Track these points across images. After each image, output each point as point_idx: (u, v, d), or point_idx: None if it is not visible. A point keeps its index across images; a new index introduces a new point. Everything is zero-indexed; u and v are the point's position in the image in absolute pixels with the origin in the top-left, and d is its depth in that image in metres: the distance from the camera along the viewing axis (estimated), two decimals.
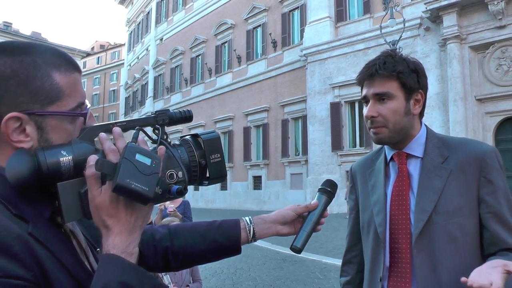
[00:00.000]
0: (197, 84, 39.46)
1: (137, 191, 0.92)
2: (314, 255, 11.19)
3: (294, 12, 30.67)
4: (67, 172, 0.97)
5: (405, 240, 1.93)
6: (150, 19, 49.07)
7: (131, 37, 56.26)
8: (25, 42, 1.07)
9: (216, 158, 1.15)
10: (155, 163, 0.96)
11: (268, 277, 9.14)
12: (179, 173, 1.05)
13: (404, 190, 1.97)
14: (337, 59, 25.17)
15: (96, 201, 0.96)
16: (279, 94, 30.34)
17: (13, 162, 0.94)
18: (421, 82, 2.00)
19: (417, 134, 2.02)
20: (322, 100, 25.57)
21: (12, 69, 0.98)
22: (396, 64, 1.94)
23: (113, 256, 0.95)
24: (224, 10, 36.57)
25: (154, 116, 1.13)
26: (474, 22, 20.41)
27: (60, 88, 1.04)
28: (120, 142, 1.00)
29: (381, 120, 1.95)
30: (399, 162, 2.03)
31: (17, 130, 0.99)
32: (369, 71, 1.98)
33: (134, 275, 0.94)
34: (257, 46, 33.47)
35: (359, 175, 2.25)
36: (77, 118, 1.08)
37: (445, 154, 1.94)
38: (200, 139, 1.17)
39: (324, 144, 25.28)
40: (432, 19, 21.49)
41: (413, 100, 1.98)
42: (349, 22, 25.98)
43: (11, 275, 0.84)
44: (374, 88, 1.96)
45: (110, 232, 0.96)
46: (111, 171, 0.94)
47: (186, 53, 41.03)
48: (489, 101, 20.34)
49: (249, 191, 32.03)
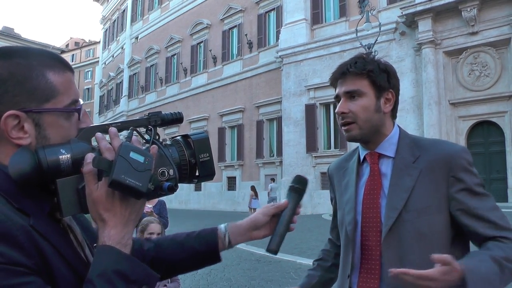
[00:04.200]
0: (172, 83, 39.30)
1: (131, 186, 0.98)
2: (289, 255, 11.19)
3: (270, 14, 30.75)
4: (66, 169, 1.03)
5: (375, 238, 1.97)
6: (126, 17, 48.67)
7: (106, 35, 55.74)
8: (21, 46, 1.15)
9: (205, 157, 1.21)
10: (148, 161, 1.02)
11: (243, 278, 9.11)
12: (170, 170, 1.11)
13: (376, 189, 2.02)
14: (312, 61, 25.30)
15: (93, 195, 1.02)
16: (254, 95, 30.37)
17: (16, 159, 1.00)
18: (392, 82, 2.04)
19: (389, 134, 2.06)
20: (297, 102, 25.68)
21: (9, 71, 1.06)
22: (366, 64, 2.01)
23: (108, 246, 1.01)
24: (200, 10, 36.48)
25: (147, 118, 1.19)
26: (448, 27, 20.81)
27: (54, 87, 1.11)
28: (115, 141, 1.06)
29: (352, 116, 1.99)
30: (371, 162, 2.07)
31: (16, 128, 1.05)
32: (340, 70, 2.05)
33: (128, 264, 1.01)
34: (233, 47, 33.47)
35: (335, 175, 2.31)
36: (72, 115, 1.14)
37: (416, 153, 1.98)
38: (190, 139, 1.22)
39: (298, 146, 25.38)
40: (407, 24, 21.80)
41: (383, 98, 2.02)
42: (325, 25, 26.15)
43: (14, 262, 0.89)
44: (345, 87, 2.02)
45: (106, 224, 1.03)
46: (107, 167, 1.00)
47: (162, 52, 40.83)
48: (462, 105, 20.75)
49: (223, 192, 31.99)
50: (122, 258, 1.01)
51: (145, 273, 1.04)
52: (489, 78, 20.27)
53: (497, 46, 20.10)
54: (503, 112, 19.95)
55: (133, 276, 1.00)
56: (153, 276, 1.06)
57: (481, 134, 20.78)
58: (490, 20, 19.91)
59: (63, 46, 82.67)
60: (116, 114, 46.89)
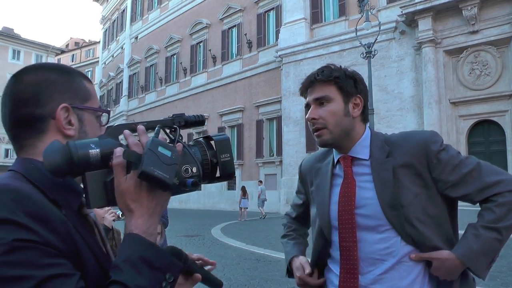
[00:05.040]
0: (171, 83, 39.32)
1: (159, 178, 1.03)
2: None
3: (270, 13, 30.75)
4: (95, 163, 1.08)
5: (352, 238, 2.05)
6: (125, 17, 48.73)
7: (106, 35, 55.78)
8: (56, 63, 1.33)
9: (226, 157, 1.25)
10: (175, 156, 1.08)
11: (243, 277, 9.09)
12: (193, 168, 1.16)
13: (350, 191, 2.07)
14: (312, 61, 25.26)
15: (122, 187, 1.08)
16: (254, 94, 30.37)
17: (49, 151, 1.06)
18: (359, 87, 2.11)
19: (360, 137, 2.12)
20: (297, 101, 25.64)
21: (56, 74, 1.22)
22: (333, 71, 2.09)
23: (135, 234, 1.08)
24: (199, 9, 36.50)
25: (172, 119, 1.25)
26: (448, 26, 20.77)
27: (89, 91, 1.28)
28: (143, 138, 1.13)
29: (322, 122, 2.07)
30: (344, 165, 2.13)
31: (65, 120, 1.19)
32: (308, 79, 2.15)
33: (153, 252, 1.07)
34: (232, 46, 33.49)
35: (307, 174, 2.37)
36: (99, 118, 1.30)
37: (386, 149, 2.05)
38: (212, 141, 1.27)
39: (298, 145, 25.37)
40: (407, 23, 21.77)
41: (351, 103, 2.09)
42: (325, 24, 26.14)
43: (49, 244, 0.96)
44: (314, 94, 2.11)
45: (133, 214, 1.10)
46: (137, 159, 1.06)
47: (161, 52, 40.85)
48: (463, 105, 20.70)
49: (223, 192, 31.99)
50: (147, 246, 1.07)
51: (168, 261, 1.09)
52: (489, 77, 20.23)
53: (498, 45, 20.07)
54: (504, 111, 19.92)
55: (157, 264, 1.06)
56: (176, 265, 1.11)
57: (481, 133, 20.75)
58: (491, 19, 19.88)
59: (63, 46, 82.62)
60: (116, 114, 46.88)
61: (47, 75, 1.21)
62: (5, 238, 0.92)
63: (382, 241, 2.00)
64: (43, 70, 1.23)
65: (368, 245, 2.03)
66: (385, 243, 2.00)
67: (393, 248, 1.99)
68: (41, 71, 1.22)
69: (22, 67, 1.27)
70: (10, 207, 0.96)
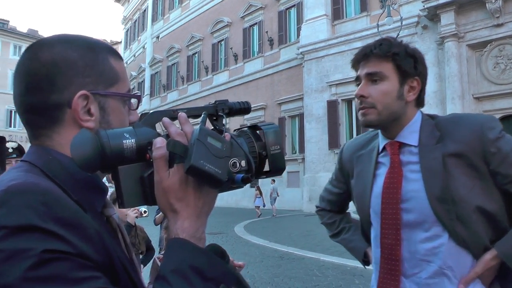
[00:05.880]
0: (193, 82, 39.43)
1: (211, 173, 0.89)
2: (312, 252, 11.15)
3: (291, 10, 30.63)
4: (130, 156, 0.94)
5: (395, 236, 1.89)
6: (147, 17, 48.99)
7: (128, 35, 56.14)
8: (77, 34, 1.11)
9: (276, 149, 1.10)
10: (226, 147, 0.95)
11: (266, 275, 9.10)
12: (242, 162, 1.00)
13: (396, 182, 1.90)
14: (334, 57, 25.15)
15: (164, 183, 0.94)
16: (276, 92, 30.32)
17: (78, 141, 0.92)
18: (419, 69, 1.93)
19: (410, 122, 1.94)
20: (319, 98, 25.55)
21: (78, 53, 1.03)
22: (392, 46, 1.90)
23: (182, 239, 0.93)
24: (220, 8, 36.52)
25: (214, 106, 1.10)
26: (471, 20, 20.40)
27: (117, 72, 1.09)
28: (186, 127, 0.98)
29: (371, 101, 1.88)
30: (391, 152, 1.94)
31: (83, 109, 1.01)
32: (363, 52, 1.95)
33: (205, 260, 0.92)
34: (254, 44, 33.44)
35: (347, 161, 2.20)
36: (126, 104, 1.12)
37: (436, 134, 1.87)
38: (261, 130, 1.12)
39: (321, 142, 25.27)
40: (429, 17, 21.49)
41: (407, 85, 1.91)
42: (346, 20, 25.96)
43: (83, 255, 0.82)
44: (367, 68, 1.91)
45: (178, 216, 0.95)
46: (183, 152, 0.92)
47: (183, 51, 40.98)
48: (487, 100, 20.35)
49: (246, 189, 31.92)
50: (198, 253, 0.93)
51: (223, 270, 0.95)
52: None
53: None
54: None
55: (210, 273, 0.91)
56: (231, 275, 0.97)
57: (507, 129, 19.89)
58: None
59: None
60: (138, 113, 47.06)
61: (66, 53, 1.02)
62: (33, 249, 0.78)
63: (428, 240, 1.83)
64: (62, 46, 1.03)
65: (412, 243, 1.85)
66: (431, 242, 1.82)
67: (440, 249, 1.80)
68: (59, 47, 1.03)
69: (39, 38, 1.09)
70: (40, 212, 0.81)
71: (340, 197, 2.34)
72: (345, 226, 2.33)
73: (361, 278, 8.35)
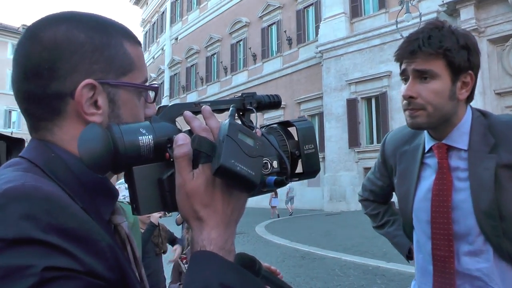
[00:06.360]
0: (212, 82, 39.56)
1: (243, 175, 0.77)
2: (334, 252, 11.10)
3: (309, 9, 30.56)
4: (146, 154, 0.82)
5: (447, 248, 1.76)
6: (165, 19, 49.30)
7: (146, 37, 56.50)
8: (87, 12, 0.95)
9: (310, 149, 0.98)
10: (259, 145, 0.82)
11: (288, 275, 9.07)
12: (273, 162, 0.90)
13: (446, 189, 1.75)
14: (352, 55, 25.01)
15: (188, 186, 0.80)
16: (295, 91, 30.27)
17: (86, 139, 0.78)
18: (472, 60, 1.71)
19: (460, 122, 1.76)
20: (339, 97, 25.44)
21: (86, 34, 0.87)
22: (443, 39, 1.67)
23: (210, 253, 0.79)
24: (238, 8, 36.58)
25: (241, 99, 0.98)
26: (492, 14, 20.13)
27: (132, 59, 0.93)
28: (212, 121, 0.86)
29: (421, 102, 1.69)
30: (439, 157, 1.79)
31: (89, 101, 0.86)
32: (410, 47, 1.72)
33: (236, 276, 0.78)
34: (272, 44, 33.44)
35: (391, 156, 2.05)
36: (141, 95, 0.96)
37: (490, 141, 1.70)
38: (294, 127, 1.00)
39: (341, 141, 25.16)
40: (448, 13, 21.24)
41: (460, 82, 1.71)
42: (364, 18, 25.82)
43: (93, 273, 0.70)
44: (415, 64, 1.70)
45: (204, 224, 0.81)
46: (210, 150, 0.80)
47: (201, 52, 41.13)
48: (509, 95, 20.05)
49: None
50: (228, 268, 0.78)
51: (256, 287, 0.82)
52: None
53: None
54: None
55: None
56: None
57: None
58: None
59: None
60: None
61: (71, 34, 0.86)
62: (33, 267, 0.65)
63: (472, 253, 1.72)
64: (68, 25, 0.87)
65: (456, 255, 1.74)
66: (475, 256, 1.72)
67: (485, 264, 1.70)
68: (65, 26, 0.87)
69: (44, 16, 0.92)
70: (41, 222, 0.68)
71: (383, 189, 2.21)
72: (390, 219, 2.23)
73: (383, 278, 8.30)
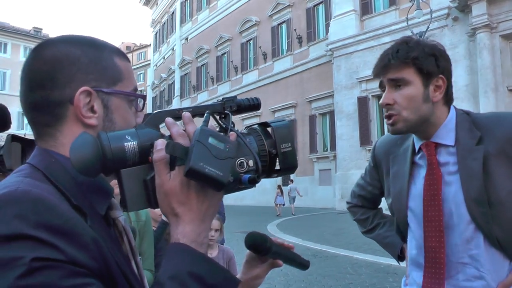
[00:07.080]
0: (223, 82, 39.65)
1: (211, 176, 0.87)
2: (345, 250, 11.11)
3: (319, 7, 30.54)
4: (132, 158, 0.92)
5: (438, 238, 1.84)
6: (175, 19, 49.48)
7: (157, 37, 56.74)
8: (83, 35, 1.11)
9: (287, 147, 1.06)
10: (229, 148, 0.91)
11: (300, 273, 9.06)
12: (249, 161, 0.98)
13: (436, 184, 1.86)
14: (363, 53, 24.95)
15: (165, 187, 0.91)
16: (305, 89, 30.26)
17: (77, 145, 0.89)
18: (441, 65, 1.85)
19: (444, 121, 1.89)
20: (349, 95, 25.40)
21: (81, 50, 1.01)
22: (410, 50, 1.83)
23: (183, 245, 0.90)
24: (248, 7, 36.62)
25: (221, 103, 1.07)
26: (505, 10, 19.91)
27: (121, 71, 1.06)
28: (190, 127, 0.96)
29: (397, 108, 1.84)
30: (428, 154, 1.90)
31: (86, 106, 0.99)
32: (382, 63, 1.90)
33: (205, 266, 0.90)
34: (282, 42, 33.45)
35: (383, 160, 2.15)
36: (132, 104, 1.09)
37: (476, 134, 1.81)
38: (271, 128, 1.08)
39: (352, 139, 25.11)
40: (460, 9, 21.11)
41: (433, 86, 1.85)
42: (375, 15, 25.75)
43: (75, 262, 0.80)
44: (389, 74, 1.86)
45: (180, 220, 0.92)
46: (183, 154, 0.89)
47: (212, 51, 41.24)
48: None
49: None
50: (198, 259, 0.90)
51: (224, 277, 0.92)
52: None
53: None
54: None
55: (211, 280, 0.89)
56: (233, 282, 0.94)
57: None
58: None
59: None
60: None
61: (68, 50, 1.00)
62: (23, 258, 0.76)
63: (464, 242, 1.80)
64: (65, 44, 1.02)
65: (449, 246, 1.83)
66: (467, 244, 1.80)
67: (476, 251, 1.78)
68: (62, 45, 1.02)
69: (45, 40, 1.07)
70: (30, 220, 0.79)
71: (373, 193, 2.30)
72: (380, 222, 2.30)
73: (395, 276, 8.28)
